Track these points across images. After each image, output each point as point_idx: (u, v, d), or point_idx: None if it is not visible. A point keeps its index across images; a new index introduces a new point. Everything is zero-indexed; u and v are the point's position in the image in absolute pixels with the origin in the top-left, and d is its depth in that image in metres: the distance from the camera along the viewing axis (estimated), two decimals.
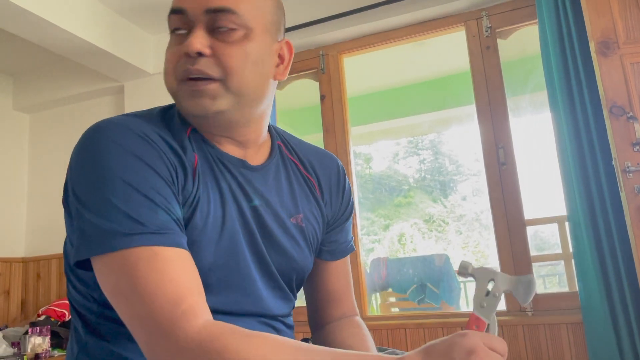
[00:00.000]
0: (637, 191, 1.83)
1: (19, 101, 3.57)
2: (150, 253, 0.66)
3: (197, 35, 0.75)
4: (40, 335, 2.52)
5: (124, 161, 0.70)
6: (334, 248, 1.01)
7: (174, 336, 0.63)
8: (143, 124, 0.76)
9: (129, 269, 0.66)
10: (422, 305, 4.09)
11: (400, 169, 8.15)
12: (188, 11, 0.76)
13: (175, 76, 0.77)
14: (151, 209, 0.69)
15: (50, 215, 3.41)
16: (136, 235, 0.67)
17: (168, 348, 0.63)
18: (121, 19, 2.99)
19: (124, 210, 0.67)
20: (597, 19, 1.97)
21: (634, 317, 2.00)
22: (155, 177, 0.71)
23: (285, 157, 0.94)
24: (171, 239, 0.69)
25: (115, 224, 0.67)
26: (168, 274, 0.66)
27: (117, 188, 0.68)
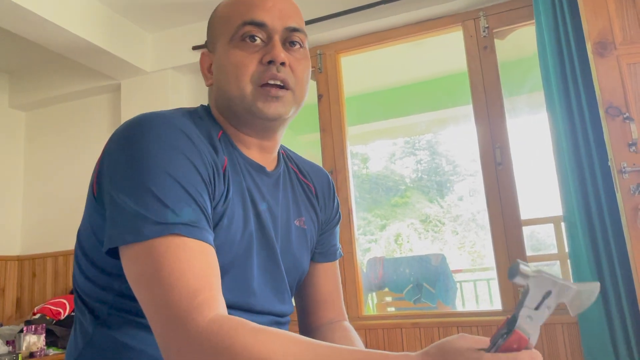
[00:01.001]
0: (633, 192, 1.84)
1: (15, 99, 3.55)
2: (179, 243, 0.69)
3: (281, 48, 0.84)
4: (35, 334, 2.52)
5: (168, 154, 0.73)
6: (326, 250, 1.06)
7: (186, 326, 0.64)
8: (185, 121, 0.80)
9: (157, 256, 0.68)
10: (419, 304, 4.09)
11: (397, 169, 8.16)
12: (269, 25, 0.84)
13: (252, 79, 0.83)
14: (188, 202, 0.72)
15: (46, 213, 3.40)
16: (170, 225, 0.69)
17: (179, 337, 0.65)
18: (118, 17, 2.98)
19: (163, 200, 0.70)
20: (594, 20, 1.97)
21: (629, 317, 2.00)
22: (195, 174, 0.75)
23: (288, 165, 1.01)
24: (201, 234, 0.71)
25: (152, 212, 0.69)
26: (192, 265, 0.68)
27: (159, 178, 0.71)
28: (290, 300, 0.96)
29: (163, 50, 3.17)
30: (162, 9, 2.96)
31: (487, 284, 5.74)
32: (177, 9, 2.96)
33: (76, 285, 0.87)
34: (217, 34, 0.89)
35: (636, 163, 1.85)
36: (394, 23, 2.75)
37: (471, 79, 2.59)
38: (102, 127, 3.40)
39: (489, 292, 5.66)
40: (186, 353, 0.64)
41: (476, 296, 5.89)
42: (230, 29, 0.86)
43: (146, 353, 0.77)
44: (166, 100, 3.10)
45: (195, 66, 3.13)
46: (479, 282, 6.05)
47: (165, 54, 3.16)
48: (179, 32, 3.14)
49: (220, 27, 0.89)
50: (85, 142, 3.41)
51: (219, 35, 0.89)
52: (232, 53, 0.85)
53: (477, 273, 6.62)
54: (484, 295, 5.82)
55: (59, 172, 3.44)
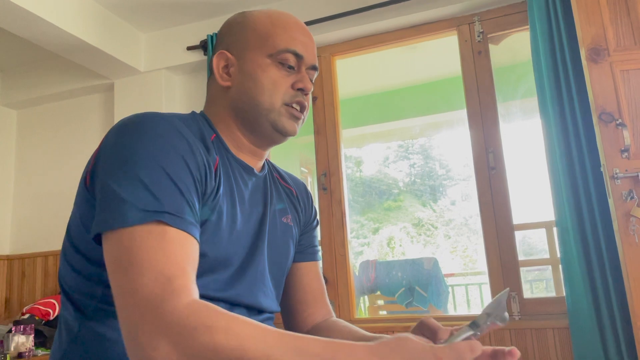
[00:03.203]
0: (624, 197, 1.85)
1: (7, 97, 3.52)
2: (160, 230, 0.71)
3: (309, 80, 0.98)
4: (24, 334, 2.49)
5: (163, 150, 0.77)
6: (308, 250, 1.13)
7: (160, 308, 0.65)
8: (180, 123, 0.85)
9: (137, 242, 0.70)
10: (410, 308, 4.09)
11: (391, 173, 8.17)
12: (305, 59, 0.97)
13: (283, 98, 0.94)
14: (175, 195, 0.75)
15: (37, 213, 3.37)
16: (152, 212, 0.71)
17: (153, 319, 0.65)
18: (112, 16, 2.96)
19: (151, 190, 0.73)
20: (588, 26, 1.98)
21: (620, 322, 2.01)
22: (187, 171, 0.78)
23: (272, 172, 1.10)
24: (184, 224, 0.73)
25: (138, 200, 0.72)
26: (170, 252, 0.70)
27: (151, 171, 0.75)
28: (274, 297, 1.00)
29: (157, 50, 3.16)
30: (156, 9, 2.95)
31: (479, 288, 5.76)
32: (171, 9, 2.95)
33: (63, 281, 0.88)
34: (249, 43, 0.95)
35: (628, 169, 1.86)
36: (389, 26, 2.76)
37: (465, 84, 2.60)
38: (94, 126, 3.37)
39: (481, 296, 5.67)
40: (161, 336, 0.64)
41: (468, 300, 5.91)
42: (269, 47, 0.94)
43: None
44: (160, 100, 3.08)
45: (189, 66, 3.11)
46: (470, 286, 6.06)
47: (159, 54, 3.14)
48: (173, 32, 3.13)
49: (255, 40, 0.95)
50: (77, 141, 3.39)
51: (252, 45, 0.95)
52: (270, 69, 0.94)
53: (469, 277, 6.65)
54: (476, 300, 5.84)
55: (50, 172, 3.41)
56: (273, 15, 1.01)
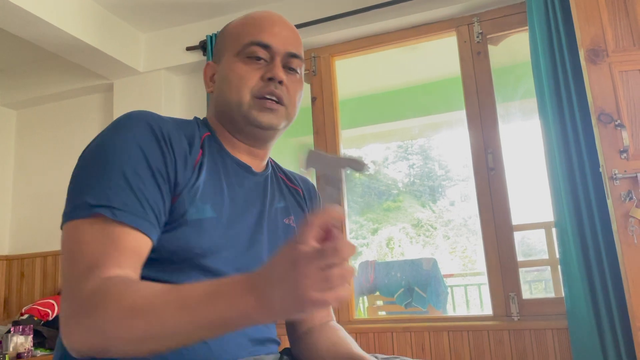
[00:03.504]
0: (623, 198, 1.85)
1: (6, 97, 3.52)
2: (99, 223, 0.74)
3: (281, 69, 0.95)
4: (22, 335, 2.49)
5: (121, 146, 0.80)
6: None
7: (71, 297, 0.70)
8: (162, 120, 0.87)
9: (75, 236, 0.74)
10: (410, 309, 4.09)
11: (390, 173, 8.18)
12: (273, 48, 0.95)
13: (252, 91, 0.93)
14: (124, 189, 0.77)
15: (36, 213, 3.37)
16: (98, 207, 0.75)
17: (65, 310, 0.70)
18: (112, 16, 2.96)
19: (100, 184, 0.77)
20: (587, 27, 1.99)
21: (618, 323, 2.01)
22: (144, 164, 0.80)
23: (276, 173, 1.10)
24: (128, 218, 0.75)
25: (86, 194, 0.76)
26: (102, 244, 0.73)
27: (105, 164, 0.78)
28: None
29: (156, 50, 3.16)
30: (156, 9, 2.95)
31: (478, 288, 5.76)
32: (171, 10, 2.95)
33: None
34: (225, 48, 0.99)
35: (627, 170, 1.86)
36: (388, 27, 2.76)
37: (464, 84, 2.60)
38: (94, 127, 3.37)
39: (480, 297, 5.67)
40: (70, 319, 0.69)
41: (467, 301, 5.91)
42: (237, 45, 0.96)
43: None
44: (159, 101, 3.08)
45: (188, 67, 3.12)
46: (469, 287, 6.07)
47: (159, 55, 3.14)
48: (172, 32, 3.13)
49: (229, 42, 0.98)
50: (76, 141, 3.38)
51: (226, 49, 0.98)
52: (236, 66, 0.95)
53: (468, 278, 6.65)
54: (475, 300, 5.84)
55: (49, 172, 3.41)
56: (246, 16, 1.01)
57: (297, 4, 2.86)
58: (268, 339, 0.96)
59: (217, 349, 0.84)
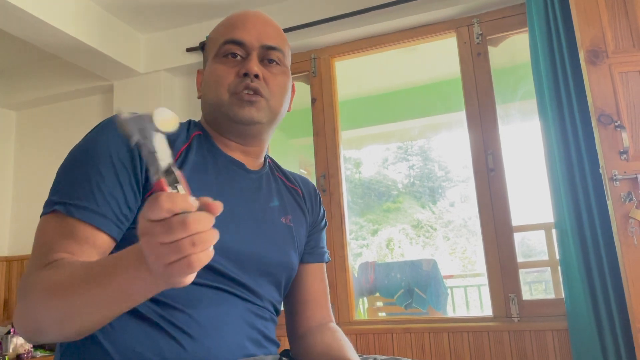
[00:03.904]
0: (623, 199, 1.85)
1: (6, 98, 3.52)
2: (58, 219, 0.79)
3: (256, 62, 0.94)
4: None
5: (91, 147, 0.84)
6: (314, 251, 1.11)
7: (22, 279, 0.75)
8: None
9: (40, 228, 0.81)
10: (409, 310, 4.09)
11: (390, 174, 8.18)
12: (247, 43, 0.95)
13: (229, 89, 0.94)
14: (83, 187, 0.80)
15: (35, 214, 3.34)
16: (57, 204, 0.79)
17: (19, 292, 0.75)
18: (111, 17, 2.96)
19: (63, 183, 0.82)
20: (587, 28, 1.99)
21: (618, 324, 2.01)
22: (108, 162, 0.82)
23: (274, 172, 1.09)
24: (80, 213, 0.78)
25: (52, 193, 0.82)
26: (57, 236, 0.77)
27: (72, 164, 0.84)
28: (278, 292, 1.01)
29: (156, 51, 3.16)
30: (155, 10, 2.95)
31: (478, 289, 5.76)
32: (170, 11, 2.95)
33: None
34: (207, 54, 1.02)
35: (627, 171, 1.86)
36: (388, 28, 2.76)
37: (464, 85, 2.60)
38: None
39: (480, 298, 5.67)
40: (16, 298, 0.76)
41: (467, 302, 5.91)
42: (215, 47, 0.98)
43: (129, 347, 0.80)
44: (159, 102, 3.08)
45: (188, 68, 3.12)
46: (469, 288, 6.06)
47: (159, 56, 3.14)
48: (172, 33, 3.13)
49: (210, 47, 1.01)
50: (76, 142, 3.38)
51: (208, 54, 1.01)
52: (214, 67, 0.97)
53: (468, 279, 6.64)
54: (475, 301, 5.84)
55: (49, 173, 3.38)
56: (224, 19, 1.03)
57: (296, 5, 2.86)
58: (267, 340, 0.95)
59: (216, 350, 0.84)
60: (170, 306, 0.83)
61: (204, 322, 0.84)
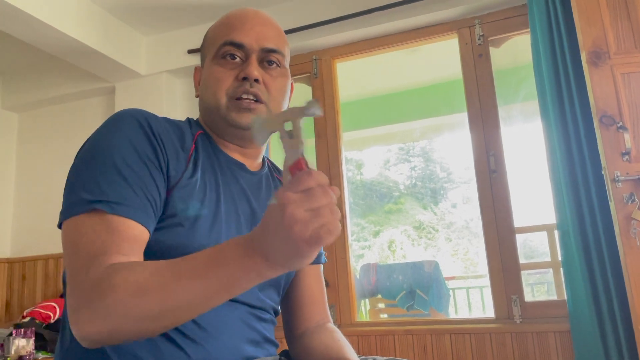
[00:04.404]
0: (625, 200, 1.85)
1: (8, 100, 3.53)
2: (99, 217, 0.75)
3: (255, 65, 0.93)
4: (24, 337, 2.49)
5: (111, 142, 0.81)
6: None
7: (79, 287, 0.70)
8: (153, 117, 0.88)
9: (76, 231, 0.75)
10: (411, 311, 4.08)
11: (391, 176, 8.17)
12: (246, 45, 0.93)
13: (227, 92, 0.92)
14: (119, 183, 0.77)
15: (37, 216, 3.37)
16: (95, 202, 0.75)
17: (74, 300, 0.70)
18: (113, 19, 2.97)
19: (97, 180, 0.77)
20: (589, 29, 1.99)
21: (621, 325, 2.00)
22: (135, 157, 0.80)
23: (272, 173, 1.09)
24: (125, 210, 0.76)
25: (85, 191, 0.77)
26: (102, 235, 0.74)
27: (98, 161, 0.79)
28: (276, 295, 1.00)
29: (158, 53, 3.16)
30: (157, 12, 2.95)
31: (480, 291, 5.75)
32: (172, 12, 2.96)
33: (63, 282, 0.89)
34: (205, 53, 1.00)
35: (629, 172, 1.86)
36: (389, 30, 2.76)
37: (466, 87, 2.60)
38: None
39: (482, 300, 5.66)
40: (81, 308, 0.68)
41: (469, 303, 5.90)
42: (214, 48, 0.96)
43: (130, 351, 0.80)
44: (161, 104, 3.08)
45: (190, 70, 3.12)
46: (471, 290, 6.05)
47: (160, 57, 3.15)
48: (174, 35, 3.14)
49: (208, 47, 0.99)
50: (78, 144, 3.32)
51: (206, 53, 0.99)
52: (213, 69, 0.95)
53: (470, 280, 6.64)
54: (477, 303, 5.83)
55: (51, 175, 3.41)
56: (223, 17, 1.00)
57: (297, 6, 2.86)
58: (267, 342, 0.95)
59: (216, 353, 0.83)
60: None
61: (204, 325, 0.83)
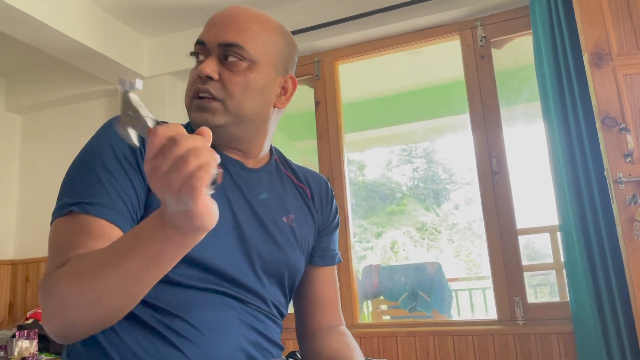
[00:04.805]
0: (628, 202, 1.84)
1: (11, 102, 3.54)
2: (73, 218, 0.79)
3: (208, 63, 0.89)
4: (27, 339, 2.49)
5: (95, 148, 0.85)
6: (324, 254, 1.08)
7: (47, 279, 0.74)
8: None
9: (53, 232, 0.80)
10: (414, 313, 4.08)
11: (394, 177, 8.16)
12: (206, 43, 0.92)
13: (190, 94, 0.92)
14: (94, 185, 0.80)
15: (41, 217, 3.38)
16: (71, 205, 0.79)
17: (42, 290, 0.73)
18: (116, 21, 2.98)
19: (75, 184, 0.82)
20: (591, 31, 1.98)
21: (624, 327, 2.00)
22: (113, 159, 0.83)
23: (280, 170, 1.06)
24: (95, 209, 0.78)
25: (63, 195, 0.82)
26: (75, 234, 0.77)
27: (81, 166, 0.84)
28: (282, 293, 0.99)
29: (160, 55, 3.17)
30: (160, 14, 2.96)
31: (483, 292, 5.74)
32: (174, 15, 2.97)
33: None
34: None
35: (632, 173, 1.85)
36: (391, 31, 2.76)
37: (468, 88, 2.60)
38: None
39: (485, 301, 5.65)
40: (42, 307, 0.73)
41: (471, 305, 5.89)
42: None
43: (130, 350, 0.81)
44: (163, 106, 3.09)
45: None
46: (474, 291, 6.04)
47: (163, 60, 3.16)
48: (176, 37, 3.15)
49: None
50: (81, 146, 3.38)
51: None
52: (191, 71, 0.96)
53: (473, 282, 6.62)
54: (480, 305, 5.82)
55: (54, 177, 3.41)
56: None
57: (300, 8, 2.86)
58: (270, 343, 0.94)
59: (215, 353, 0.83)
60: (167, 312, 0.83)
61: (201, 327, 0.83)
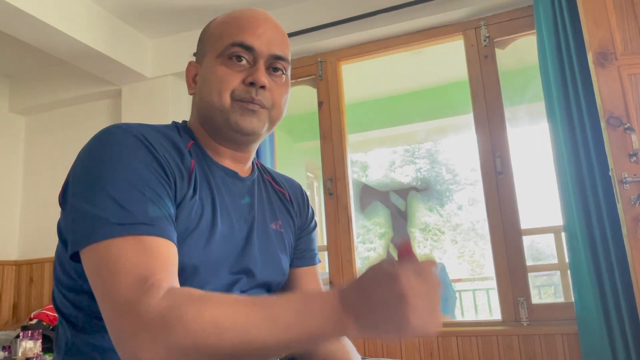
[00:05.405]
0: (633, 202, 1.83)
1: (15, 103, 3.55)
2: (135, 240, 0.71)
3: (264, 73, 0.91)
4: (31, 339, 2.50)
5: (124, 161, 0.78)
6: (304, 254, 1.10)
7: (137, 310, 0.65)
8: (147, 130, 0.85)
9: (112, 253, 0.70)
10: None
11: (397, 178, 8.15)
12: (256, 49, 0.91)
13: (232, 95, 0.90)
14: (142, 202, 0.75)
15: (45, 218, 3.39)
16: (125, 225, 0.72)
17: (131, 320, 0.65)
18: (119, 22, 2.98)
19: (118, 202, 0.73)
20: (595, 30, 1.98)
21: (629, 328, 1.99)
22: (150, 175, 0.78)
23: (262, 175, 1.07)
24: (157, 230, 0.74)
25: (109, 214, 0.72)
26: (144, 257, 0.70)
27: (117, 184, 0.75)
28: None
29: (164, 56, 3.17)
30: (163, 16, 2.97)
31: (487, 293, 5.73)
32: (178, 16, 2.97)
33: (54, 298, 0.91)
34: (207, 49, 0.95)
35: (637, 173, 1.84)
36: (395, 31, 2.76)
37: (472, 88, 2.59)
38: None
39: (488, 302, 5.64)
40: (141, 334, 0.64)
41: (475, 306, 5.87)
42: (219, 46, 0.92)
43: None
44: (166, 107, 3.10)
45: None
46: (478, 292, 6.03)
47: (166, 60, 3.16)
48: (179, 38, 3.15)
49: (211, 43, 0.94)
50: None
51: (208, 50, 0.94)
52: (218, 68, 0.91)
53: (477, 282, 6.61)
54: (483, 305, 5.80)
55: (58, 178, 3.42)
56: (230, 14, 0.96)
57: (303, 9, 2.86)
58: None
59: None
60: None
61: None
